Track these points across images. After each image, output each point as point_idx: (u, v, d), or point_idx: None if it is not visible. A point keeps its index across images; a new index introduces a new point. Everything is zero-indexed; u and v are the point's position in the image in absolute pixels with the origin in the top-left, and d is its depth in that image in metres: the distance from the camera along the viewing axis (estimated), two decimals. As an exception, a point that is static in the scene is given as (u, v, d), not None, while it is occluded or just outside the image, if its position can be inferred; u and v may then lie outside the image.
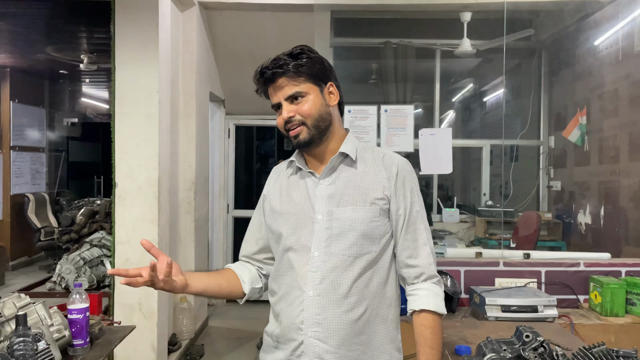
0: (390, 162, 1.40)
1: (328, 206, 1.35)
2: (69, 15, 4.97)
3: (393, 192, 1.37)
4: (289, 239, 1.37)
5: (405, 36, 5.03)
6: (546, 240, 4.66)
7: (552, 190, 5.05)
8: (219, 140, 5.71)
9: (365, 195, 1.35)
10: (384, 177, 1.38)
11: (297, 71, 1.33)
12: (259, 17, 4.62)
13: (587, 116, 4.33)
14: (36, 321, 1.72)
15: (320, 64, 1.38)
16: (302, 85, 1.34)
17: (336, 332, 1.29)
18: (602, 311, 2.55)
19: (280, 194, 1.43)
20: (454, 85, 6.40)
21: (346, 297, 1.30)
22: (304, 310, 1.31)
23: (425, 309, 1.33)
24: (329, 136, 1.39)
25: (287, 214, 1.39)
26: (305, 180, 1.40)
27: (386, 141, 3.48)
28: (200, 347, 4.23)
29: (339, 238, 1.32)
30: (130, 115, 3.32)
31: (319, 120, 1.35)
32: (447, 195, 5.84)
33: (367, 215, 1.33)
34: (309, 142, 1.35)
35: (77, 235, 5.01)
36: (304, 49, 1.37)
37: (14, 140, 7.22)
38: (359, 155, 1.41)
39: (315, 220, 1.35)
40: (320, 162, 1.41)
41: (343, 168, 1.39)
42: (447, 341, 1.90)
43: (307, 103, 1.34)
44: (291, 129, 1.35)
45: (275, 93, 1.36)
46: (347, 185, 1.37)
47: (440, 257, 3.02)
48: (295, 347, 1.31)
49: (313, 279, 1.31)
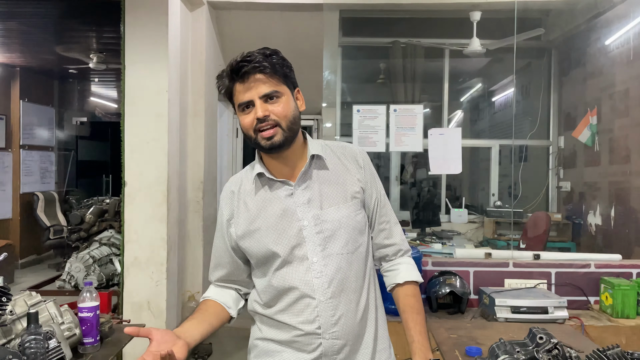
0: (353, 154, 1.43)
1: (311, 210, 1.33)
2: (79, 15, 5.00)
3: (365, 182, 1.41)
4: (279, 255, 1.32)
5: (414, 35, 5.01)
6: (556, 241, 4.63)
7: (562, 190, 5.01)
8: (227, 140, 5.72)
9: (345, 192, 1.37)
10: (354, 168, 1.40)
11: (274, 70, 1.28)
12: (268, 16, 4.62)
13: (598, 116, 4.30)
14: (47, 319, 1.72)
15: (290, 68, 1.34)
16: (279, 85, 1.29)
17: (351, 327, 1.33)
18: (613, 313, 2.53)
19: (250, 213, 1.36)
20: (463, 84, 6.37)
21: (354, 292, 1.35)
22: (319, 316, 1.31)
23: (408, 280, 1.43)
24: (295, 142, 1.34)
25: (267, 230, 1.33)
26: (277, 191, 1.35)
27: (395, 141, 3.47)
28: (208, 346, 4.24)
29: (332, 239, 1.33)
30: (139, 115, 3.33)
31: (292, 122, 1.30)
32: (456, 195, 5.82)
33: (351, 210, 1.36)
34: (282, 145, 1.29)
35: (87, 233, 5.03)
36: (275, 50, 1.32)
37: (24, 139, 7.27)
38: (326, 154, 1.39)
39: (302, 227, 1.32)
40: (287, 168, 1.36)
41: (316, 171, 1.37)
42: (458, 342, 1.89)
43: (282, 104, 1.29)
44: (263, 129, 1.28)
45: (249, 90, 1.28)
46: (324, 186, 1.35)
47: (449, 258, 3.01)
48: (312, 350, 1.32)
49: (320, 284, 1.31)
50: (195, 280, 4.44)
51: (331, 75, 4.48)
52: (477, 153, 5.94)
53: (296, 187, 1.34)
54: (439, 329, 2.07)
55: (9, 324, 1.63)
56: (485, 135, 6.33)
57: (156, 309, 3.33)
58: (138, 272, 3.33)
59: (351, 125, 3.53)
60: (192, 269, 4.40)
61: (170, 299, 3.40)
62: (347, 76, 5.04)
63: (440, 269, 2.85)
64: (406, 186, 5.54)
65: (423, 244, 3.95)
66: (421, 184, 5.56)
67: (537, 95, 5.21)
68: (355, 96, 5.51)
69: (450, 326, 2.13)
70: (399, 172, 5.48)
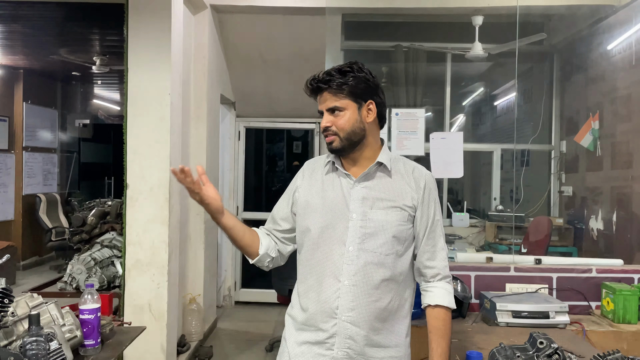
0: (419, 175, 1.58)
1: (362, 207, 1.52)
2: (82, 18, 5.02)
3: (419, 202, 1.55)
4: (324, 232, 1.52)
5: (416, 40, 5.02)
6: (557, 246, 4.62)
7: (564, 195, 5.01)
8: (229, 143, 5.73)
9: (396, 202, 1.53)
10: (413, 188, 1.56)
11: (339, 88, 1.49)
12: (270, 20, 4.63)
13: (600, 121, 4.30)
14: (48, 321, 1.73)
15: (365, 82, 1.52)
16: (342, 101, 1.50)
17: (367, 317, 1.48)
18: (614, 318, 2.53)
19: (315, 188, 1.59)
20: (465, 88, 6.38)
21: (377, 289, 1.49)
22: (339, 297, 1.49)
23: (439, 304, 1.54)
24: (362, 147, 1.55)
25: (322, 208, 1.54)
26: (341, 180, 1.56)
27: (397, 145, 3.48)
28: (209, 349, 4.24)
29: (371, 237, 1.50)
30: (142, 117, 3.34)
31: (351, 134, 1.51)
32: (457, 199, 5.81)
33: (396, 219, 1.52)
34: (340, 150, 1.53)
35: (88, 235, 5.03)
36: (353, 67, 1.51)
37: (27, 141, 7.29)
38: (392, 165, 1.58)
39: (350, 219, 1.51)
40: (355, 166, 1.57)
41: (378, 175, 1.56)
42: (458, 346, 1.89)
43: (343, 118, 1.50)
44: (327, 136, 1.53)
45: (320, 102, 1.55)
46: (380, 190, 1.54)
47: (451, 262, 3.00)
48: (327, 328, 1.49)
49: (348, 270, 1.49)
50: (197, 282, 4.44)
51: (333, 79, 4.48)
52: (478, 157, 5.94)
53: (356, 182, 1.54)
54: (440, 333, 2.06)
55: (10, 326, 1.63)
56: (487, 139, 6.32)
57: (157, 311, 3.33)
58: (139, 274, 3.33)
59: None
60: (193, 271, 4.40)
61: (171, 301, 3.39)
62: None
63: (442, 273, 2.84)
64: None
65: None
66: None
67: (539, 99, 5.21)
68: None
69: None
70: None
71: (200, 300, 4.34)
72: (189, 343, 4.11)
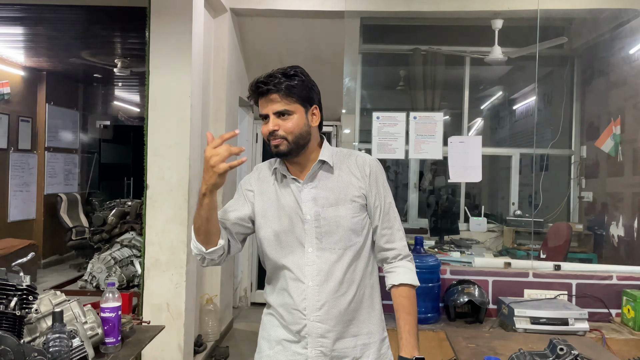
0: (363, 163, 1.60)
1: (314, 208, 1.54)
2: (105, 21, 5.10)
3: (368, 190, 1.58)
4: (284, 238, 1.54)
5: (434, 43, 5.00)
6: (577, 252, 4.55)
7: (584, 201, 4.94)
8: (247, 145, 5.77)
9: (345, 195, 1.55)
10: (359, 177, 1.58)
11: (289, 91, 1.49)
12: (289, 23, 4.66)
13: (621, 126, 4.23)
14: (71, 318, 1.76)
15: (310, 87, 1.54)
16: (291, 105, 1.50)
17: (335, 313, 1.51)
18: (635, 326, 2.49)
19: (268, 196, 1.59)
20: (483, 92, 6.33)
21: (341, 283, 1.52)
22: (305, 299, 1.51)
23: (403, 282, 1.57)
24: (306, 150, 1.56)
25: (278, 216, 1.56)
26: (290, 186, 1.57)
27: (414, 148, 3.47)
28: (225, 349, 4.26)
29: (328, 235, 1.52)
30: (162, 119, 3.38)
31: (299, 137, 1.51)
32: (475, 203, 5.77)
33: (349, 212, 1.54)
34: (287, 154, 1.52)
35: (108, 235, 5.11)
36: (297, 71, 1.53)
37: (49, 142, 7.43)
38: (335, 160, 1.59)
39: (305, 221, 1.53)
40: (301, 169, 1.58)
41: (322, 174, 1.57)
42: (476, 352, 1.88)
43: (291, 121, 1.50)
44: (273, 140, 1.51)
45: (266, 106, 1.51)
46: (327, 188, 1.56)
47: (468, 267, 2.99)
48: (299, 329, 1.52)
49: (311, 271, 1.52)
50: (214, 283, 4.47)
51: (351, 82, 4.50)
52: (497, 161, 5.89)
53: (304, 185, 1.55)
54: (457, 338, 2.06)
55: (34, 322, 1.67)
56: (506, 143, 6.27)
57: (175, 310, 3.36)
58: (158, 274, 3.37)
59: (370, 131, 3.53)
60: (210, 272, 4.44)
61: (189, 301, 3.43)
62: (366, 83, 5.04)
63: (459, 278, 2.83)
64: (425, 193, 5.51)
65: (441, 252, 3.93)
66: (440, 192, 5.53)
67: (559, 104, 5.15)
68: (374, 103, 5.51)
69: (468, 335, 2.11)
70: (418, 179, 5.46)
71: (217, 300, 4.37)
72: (206, 343, 4.14)
